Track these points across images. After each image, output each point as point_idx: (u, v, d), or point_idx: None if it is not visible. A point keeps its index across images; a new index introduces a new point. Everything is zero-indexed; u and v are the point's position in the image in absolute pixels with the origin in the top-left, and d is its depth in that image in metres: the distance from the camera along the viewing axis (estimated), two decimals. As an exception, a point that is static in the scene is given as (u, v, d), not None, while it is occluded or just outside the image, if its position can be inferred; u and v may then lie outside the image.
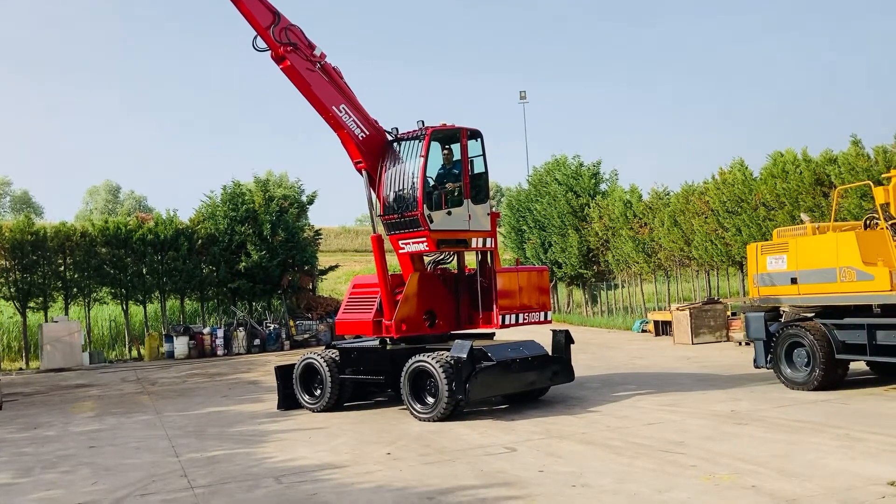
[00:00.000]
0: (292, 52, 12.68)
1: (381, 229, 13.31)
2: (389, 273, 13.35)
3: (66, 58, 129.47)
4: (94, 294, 29.15)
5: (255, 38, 12.82)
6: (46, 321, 27.34)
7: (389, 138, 13.36)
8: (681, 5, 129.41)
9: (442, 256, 13.99)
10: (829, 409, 11.18)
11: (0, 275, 26.90)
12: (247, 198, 31.57)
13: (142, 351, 28.83)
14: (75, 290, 28.62)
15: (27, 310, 27.84)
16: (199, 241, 30.33)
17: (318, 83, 12.89)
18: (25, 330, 27.89)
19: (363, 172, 13.25)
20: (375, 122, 13.39)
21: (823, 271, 12.64)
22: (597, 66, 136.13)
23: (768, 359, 13.60)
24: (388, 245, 13.28)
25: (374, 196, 13.38)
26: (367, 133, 13.13)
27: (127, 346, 29.69)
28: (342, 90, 13.16)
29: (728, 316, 22.35)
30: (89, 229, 29.25)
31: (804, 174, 21.91)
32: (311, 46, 12.98)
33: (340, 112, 12.91)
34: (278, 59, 12.76)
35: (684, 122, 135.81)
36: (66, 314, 28.31)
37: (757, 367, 14.01)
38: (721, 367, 16.74)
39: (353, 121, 13.00)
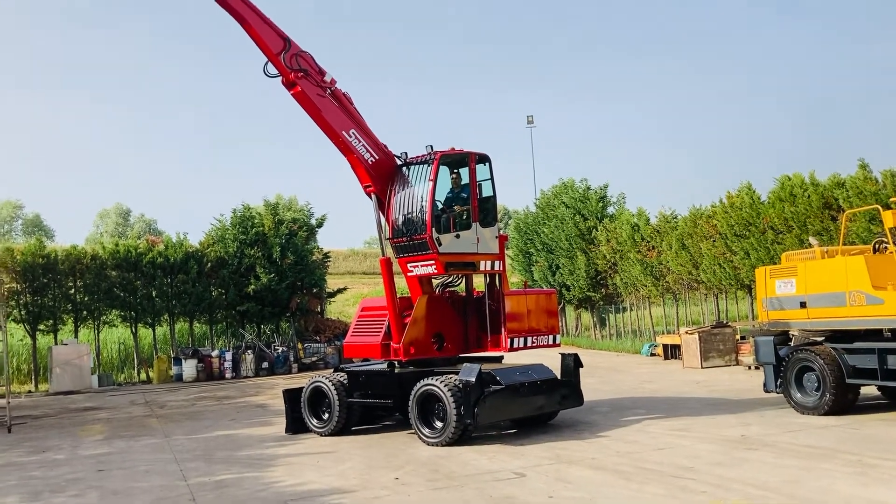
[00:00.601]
0: (303, 78, 12.82)
1: (389, 252, 13.37)
2: (398, 296, 13.39)
3: (77, 80, 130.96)
4: (104, 317, 29.25)
5: (266, 63, 12.97)
6: (56, 344, 27.43)
7: (398, 163, 13.46)
8: (685, 33, 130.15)
9: (450, 279, 14.03)
10: (840, 435, 11.10)
11: (11, 297, 27.03)
12: (256, 221, 31.73)
13: (150, 374, 28.86)
14: (85, 312, 28.74)
15: (37, 332, 27.95)
16: (209, 264, 30.45)
17: (329, 109, 13.02)
18: (35, 352, 27.99)
19: (372, 196, 13.34)
20: (385, 146, 13.51)
21: (833, 295, 12.61)
22: (604, 91, 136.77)
23: (778, 383, 13.52)
24: (396, 268, 13.33)
25: (383, 219, 13.45)
26: (377, 157, 13.25)
27: (136, 368, 29.73)
28: (352, 115, 13.29)
29: (737, 340, 22.25)
30: (100, 252, 29.44)
31: (812, 198, 21.91)
32: (322, 72, 13.13)
33: (350, 137, 13.03)
34: (289, 84, 12.90)
35: (691, 146, 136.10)
36: (76, 337, 28.40)
37: (767, 391, 13.94)
38: (731, 391, 16.65)
39: (363, 145, 13.13)
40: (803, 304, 13.17)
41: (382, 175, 13.32)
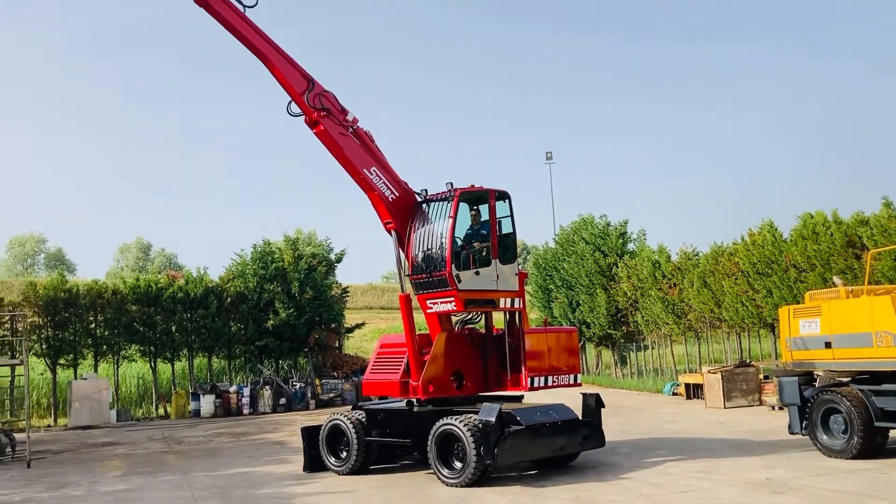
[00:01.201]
0: (326, 117, 12.99)
1: (409, 288, 13.36)
2: (417, 332, 13.35)
3: (100, 117, 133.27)
4: (124, 351, 29.37)
5: (290, 103, 13.18)
6: (76, 378, 27.54)
7: (419, 199, 13.52)
8: (704, 70, 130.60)
9: (469, 316, 13.98)
10: (868, 479, 10.85)
11: (33, 331, 27.25)
12: (276, 256, 31.90)
13: (168, 409, 28.86)
14: (105, 347, 28.88)
15: (57, 366, 28.09)
16: (229, 299, 30.59)
17: (351, 147, 13.15)
18: (55, 387, 28.11)
19: (392, 233, 13.39)
20: (405, 183, 13.58)
21: (858, 335, 12.41)
22: (623, 127, 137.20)
23: (803, 425, 13.27)
24: (415, 303, 13.31)
25: (402, 256, 13.48)
26: (397, 194, 13.32)
27: (154, 403, 29.75)
28: (373, 153, 13.41)
29: (760, 379, 21.93)
30: (120, 287, 29.68)
31: (835, 236, 21.69)
32: (344, 112, 13.29)
33: (371, 174, 13.12)
34: (312, 123, 13.07)
35: (711, 183, 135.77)
36: (95, 371, 28.52)
37: (792, 433, 13.67)
38: (754, 432, 16.36)
39: (384, 183, 13.21)
40: (828, 345, 12.97)
41: (403, 212, 13.39)
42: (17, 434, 18.90)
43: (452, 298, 12.76)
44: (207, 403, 27.95)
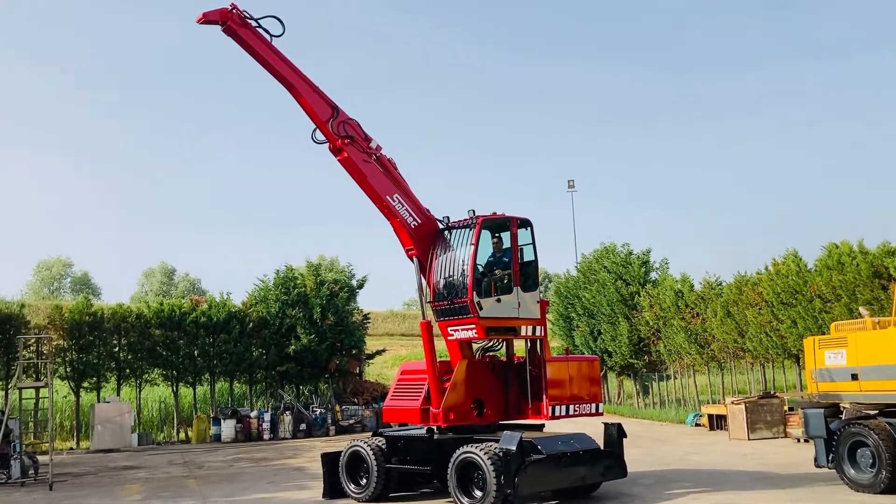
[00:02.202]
0: (349, 144, 13.11)
1: (430, 315, 13.36)
2: (438, 359, 13.33)
3: (123, 145, 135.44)
4: (146, 375, 29.53)
5: (315, 130, 13.32)
6: (98, 401, 27.72)
7: (440, 226, 13.57)
8: (726, 97, 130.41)
9: (490, 343, 13.95)
10: (897, 515, 10.62)
11: (58, 354, 27.51)
12: (298, 282, 32.07)
13: (189, 433, 28.93)
14: (128, 370, 29.07)
15: (81, 389, 28.31)
16: (251, 324, 30.74)
17: (374, 174, 13.25)
18: (78, 409, 28.32)
19: (414, 259, 13.44)
20: (427, 210, 13.66)
21: (886, 367, 12.22)
22: (646, 155, 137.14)
23: (830, 458, 13.04)
24: (436, 330, 13.30)
25: (424, 282, 13.51)
26: (419, 221, 13.39)
27: (175, 427, 29.85)
28: (396, 181, 13.51)
29: (785, 411, 21.60)
30: (144, 311, 29.93)
31: (861, 266, 21.46)
32: (368, 139, 13.41)
33: (394, 202, 13.21)
34: (336, 150, 13.19)
35: (734, 212, 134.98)
36: (118, 395, 28.70)
37: (818, 466, 13.43)
38: (780, 465, 16.10)
39: (406, 210, 13.29)
40: (854, 377, 12.79)
41: (425, 239, 13.45)
42: (40, 456, 19.04)
43: (474, 326, 12.74)
44: (228, 428, 28.01)
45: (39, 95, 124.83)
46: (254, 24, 12.94)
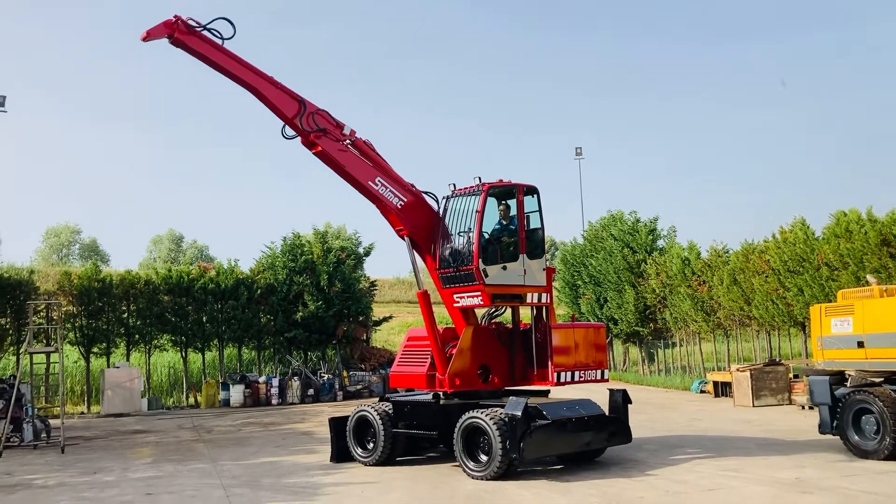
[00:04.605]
0: (322, 136, 12.72)
1: (425, 286, 13.34)
2: (443, 327, 13.36)
3: (134, 111, 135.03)
4: (155, 341, 29.80)
5: (284, 127, 12.89)
6: (108, 367, 28.01)
7: (428, 199, 13.48)
8: (737, 68, 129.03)
9: (494, 310, 13.99)
10: (900, 481, 10.70)
11: (67, 320, 27.74)
12: (306, 249, 32.17)
13: (198, 398, 29.24)
14: (137, 336, 29.32)
15: (91, 355, 28.59)
16: (259, 291, 30.89)
17: (352, 162, 12.97)
18: (88, 375, 28.63)
19: (405, 238, 13.29)
20: (412, 186, 13.45)
21: (892, 335, 12.23)
22: (654, 123, 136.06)
23: (834, 425, 13.10)
24: (435, 298, 13.31)
25: (418, 259, 13.45)
26: (405, 200, 13.20)
27: (184, 392, 30.16)
28: (376, 163, 13.21)
29: (790, 378, 21.69)
30: (153, 277, 30.10)
31: (869, 234, 21.37)
32: (340, 126, 13.01)
33: (377, 185, 12.99)
34: (309, 144, 12.82)
35: (743, 180, 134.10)
36: (128, 360, 28.98)
37: (822, 432, 13.51)
38: (784, 431, 16.20)
39: (391, 191, 13.09)
40: (861, 344, 12.80)
41: (413, 215, 13.28)
42: (52, 420, 19.30)
43: (479, 293, 12.76)
44: (237, 393, 28.30)
45: (43, 52, 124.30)
46: (203, 31, 12.23)
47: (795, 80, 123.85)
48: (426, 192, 13.58)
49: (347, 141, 13.02)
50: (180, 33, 12.07)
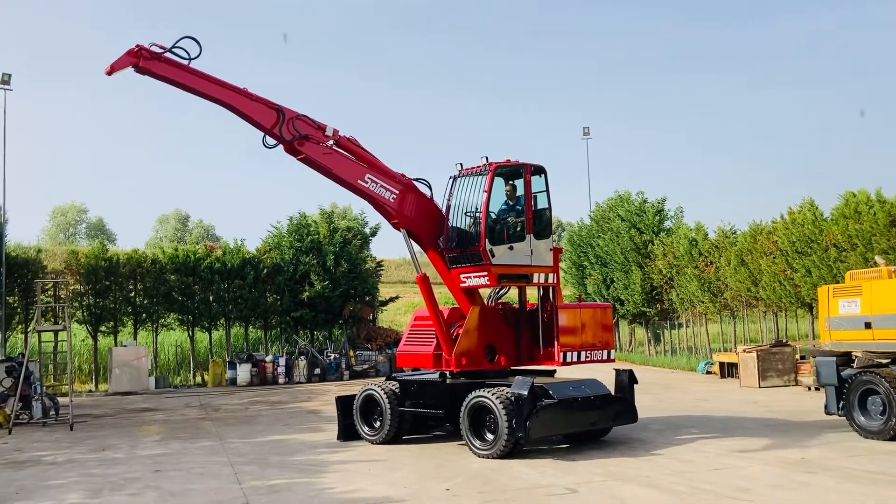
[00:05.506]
0: (305, 143, 12.46)
1: (424, 269, 13.30)
2: (449, 307, 13.36)
3: (140, 91, 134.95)
4: (162, 320, 29.94)
5: (264, 137, 12.58)
6: (116, 345, 28.16)
7: (420, 186, 13.40)
8: (746, 46, 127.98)
9: (500, 290, 13.98)
10: (906, 461, 10.71)
11: (75, 299, 27.86)
12: (312, 229, 32.19)
13: (205, 377, 29.40)
14: (144, 315, 29.44)
15: (98, 333, 28.74)
16: (265, 271, 30.95)
17: (338, 164, 12.76)
18: (96, 353, 28.79)
19: (401, 230, 13.17)
20: (402, 176, 13.29)
21: (900, 316, 12.18)
22: (661, 103, 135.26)
23: (840, 405, 13.11)
24: (434, 277, 13.29)
25: (415, 247, 13.40)
26: (397, 192, 13.05)
27: (191, 371, 30.33)
28: (363, 159, 13.01)
29: (797, 359, 21.68)
30: (159, 256, 30.18)
31: (878, 215, 21.25)
32: (322, 128, 12.74)
33: (367, 182, 12.80)
34: (293, 152, 12.57)
35: (751, 161, 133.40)
36: (135, 339, 29.11)
37: (828, 413, 13.52)
38: (790, 412, 16.21)
39: (381, 186, 12.91)
40: (868, 325, 12.77)
41: (406, 207, 13.14)
42: (61, 398, 19.44)
43: (486, 273, 12.75)
44: (244, 372, 28.43)
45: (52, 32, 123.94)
46: (168, 53, 11.81)
47: (807, 58, 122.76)
48: (417, 179, 13.42)
49: (331, 142, 12.77)
50: (144, 60, 11.63)
